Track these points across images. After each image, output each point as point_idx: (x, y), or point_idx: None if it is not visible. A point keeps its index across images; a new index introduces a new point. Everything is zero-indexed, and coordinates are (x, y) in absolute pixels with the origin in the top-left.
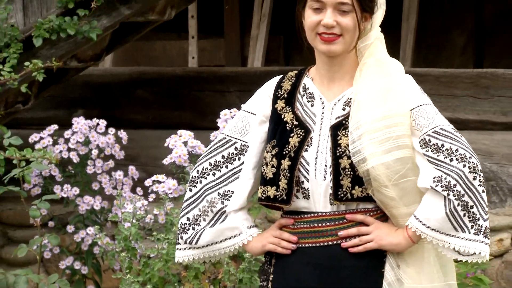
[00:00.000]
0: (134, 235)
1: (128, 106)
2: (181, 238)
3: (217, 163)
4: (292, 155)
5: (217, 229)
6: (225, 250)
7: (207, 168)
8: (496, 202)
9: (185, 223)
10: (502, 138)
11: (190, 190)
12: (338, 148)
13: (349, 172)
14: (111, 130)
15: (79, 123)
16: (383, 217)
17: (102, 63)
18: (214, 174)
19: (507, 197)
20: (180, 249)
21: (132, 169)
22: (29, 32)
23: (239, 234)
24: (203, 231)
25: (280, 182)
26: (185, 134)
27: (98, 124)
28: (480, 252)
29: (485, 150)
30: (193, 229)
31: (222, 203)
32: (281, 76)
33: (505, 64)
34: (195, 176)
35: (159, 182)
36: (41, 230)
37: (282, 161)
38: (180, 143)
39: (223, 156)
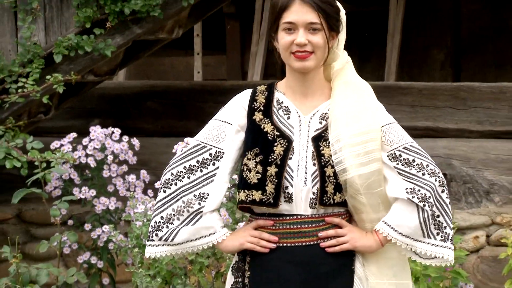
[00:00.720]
0: (146, 234)
1: (140, 116)
2: (156, 235)
3: (191, 167)
4: (279, 162)
5: (195, 228)
6: (198, 247)
7: (181, 171)
8: (472, 203)
9: (159, 221)
10: (478, 145)
11: (164, 191)
12: (322, 157)
13: (332, 180)
14: (125, 138)
15: (96, 131)
16: (349, 220)
17: (116, 77)
18: (189, 177)
19: (482, 199)
20: (153, 245)
21: (143, 173)
22: (50, 49)
23: (214, 233)
24: (179, 229)
25: (266, 187)
26: None
27: (113, 132)
28: (448, 257)
29: (463, 156)
30: (167, 227)
31: (199, 204)
32: (252, 89)
33: (480, 78)
34: (169, 179)
35: None
36: (61, 228)
37: (269, 168)
38: None
39: (197, 161)
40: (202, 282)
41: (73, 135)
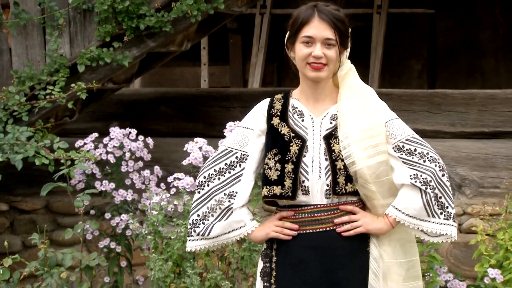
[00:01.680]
0: (161, 221)
1: (153, 119)
2: (194, 231)
3: (221, 170)
4: (294, 160)
5: (226, 223)
6: (231, 239)
7: (212, 174)
8: None
9: (196, 219)
10: (451, 144)
11: (199, 192)
12: (333, 153)
13: (343, 172)
14: (141, 137)
15: (115, 131)
16: (363, 208)
17: (133, 85)
18: (219, 179)
19: (455, 191)
20: (192, 240)
21: (156, 168)
22: (74, 60)
23: (244, 226)
24: (213, 225)
25: (285, 182)
26: (200, 141)
27: (130, 132)
28: (451, 233)
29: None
30: (203, 223)
31: (229, 201)
32: (270, 98)
33: (453, 86)
34: (202, 181)
35: (179, 179)
36: (84, 217)
37: (286, 165)
38: (196, 148)
39: (226, 164)
40: (208, 265)
41: (95, 135)
